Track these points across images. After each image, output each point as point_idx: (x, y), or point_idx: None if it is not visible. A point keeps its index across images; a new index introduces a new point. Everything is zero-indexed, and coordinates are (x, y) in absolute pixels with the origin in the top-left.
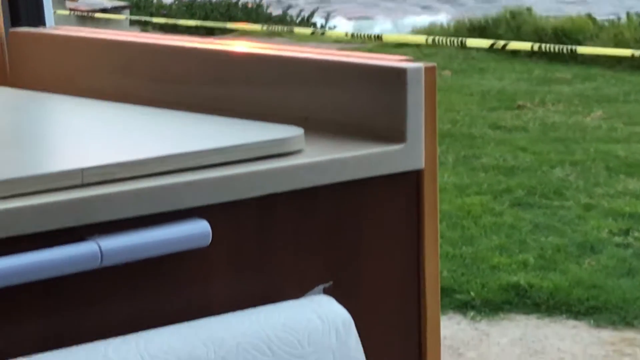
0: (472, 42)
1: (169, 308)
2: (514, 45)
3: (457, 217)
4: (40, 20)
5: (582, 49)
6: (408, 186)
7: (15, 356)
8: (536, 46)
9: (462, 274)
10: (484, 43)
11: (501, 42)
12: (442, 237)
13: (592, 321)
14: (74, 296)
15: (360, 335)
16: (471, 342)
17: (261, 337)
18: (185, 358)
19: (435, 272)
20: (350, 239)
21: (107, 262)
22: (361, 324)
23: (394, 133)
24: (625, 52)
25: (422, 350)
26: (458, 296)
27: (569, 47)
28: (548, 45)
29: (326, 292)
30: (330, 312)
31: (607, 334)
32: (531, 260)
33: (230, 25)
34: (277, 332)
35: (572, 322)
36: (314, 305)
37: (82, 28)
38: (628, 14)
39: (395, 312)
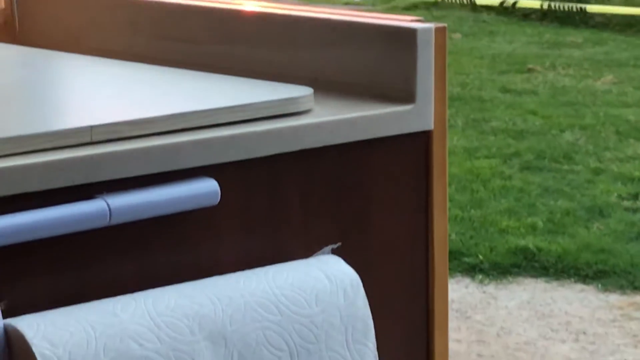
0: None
1: (177, 267)
2: (524, 3)
3: (466, 180)
4: None
5: (591, 8)
6: (417, 147)
7: (25, 312)
8: (545, 4)
9: (471, 237)
10: (494, 1)
11: (511, 0)
12: (451, 200)
13: (600, 285)
14: (82, 254)
15: (367, 296)
16: (479, 305)
17: (269, 296)
18: (192, 316)
19: (443, 234)
20: (359, 199)
21: (116, 220)
22: (369, 284)
23: (404, 94)
24: (636, 10)
25: (430, 313)
26: (466, 259)
27: (579, 5)
28: (558, 3)
29: (334, 252)
30: (338, 272)
31: (615, 298)
32: (540, 223)
33: None
34: (285, 292)
35: (580, 286)
36: (322, 265)
37: None
38: None
39: (403, 274)
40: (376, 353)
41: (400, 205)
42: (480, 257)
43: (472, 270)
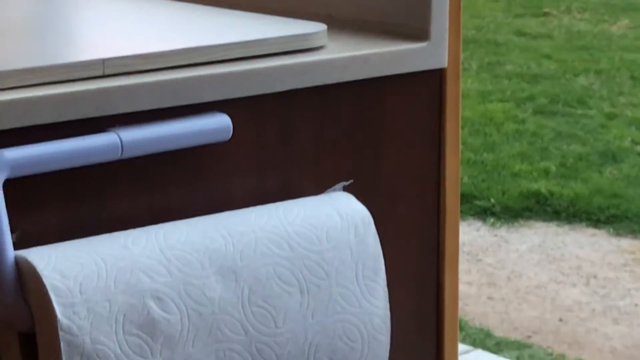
0: None
1: (188, 202)
2: None
3: (479, 123)
4: None
5: None
6: (430, 85)
7: (37, 244)
8: None
9: (483, 181)
10: None
11: None
12: (463, 143)
13: (611, 229)
14: (94, 187)
15: (378, 234)
16: (490, 249)
17: (280, 232)
18: (203, 250)
19: (455, 174)
20: (371, 137)
21: (128, 154)
22: (380, 222)
23: (418, 31)
24: None
25: (440, 254)
26: (478, 202)
27: None
28: None
29: (346, 190)
30: (349, 209)
31: (627, 243)
32: (552, 168)
33: None
34: (296, 228)
35: (591, 230)
36: (334, 202)
37: None
38: None
39: (415, 214)
40: (386, 290)
41: (413, 144)
42: (492, 200)
43: (483, 214)
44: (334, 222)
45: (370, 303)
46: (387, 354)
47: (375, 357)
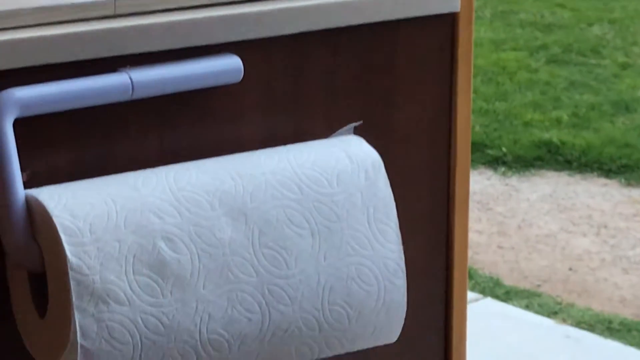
0: None
1: (198, 144)
2: None
3: (492, 72)
4: None
5: None
6: (443, 29)
7: (48, 183)
8: None
9: (495, 130)
10: None
11: None
12: (475, 92)
13: (622, 179)
14: (105, 128)
15: (388, 178)
16: (501, 198)
17: (290, 174)
18: (213, 192)
19: (466, 120)
20: (383, 80)
21: (138, 95)
22: (390, 167)
23: None
24: None
25: (450, 201)
26: (489, 151)
27: None
28: None
29: (356, 132)
30: (360, 152)
31: (638, 193)
32: (565, 117)
33: None
34: (306, 171)
35: (602, 180)
36: (344, 146)
37: None
38: None
39: (425, 159)
40: (399, 232)
41: (424, 88)
42: (504, 149)
43: (495, 163)
44: (344, 165)
45: (383, 246)
46: (404, 299)
47: (392, 301)
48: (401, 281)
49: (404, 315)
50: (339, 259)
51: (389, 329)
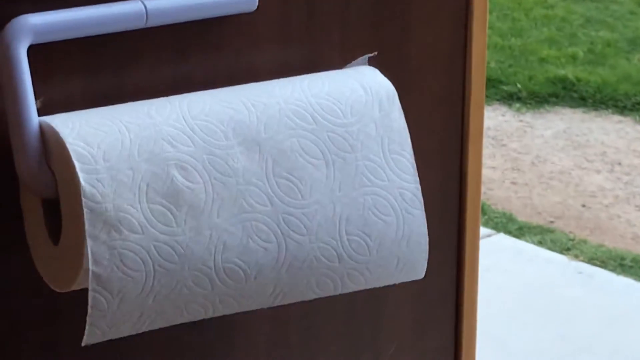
0: None
1: (212, 73)
2: None
3: (507, 8)
4: None
5: None
6: None
7: (62, 110)
8: None
9: (510, 66)
10: None
11: None
12: (491, 27)
13: (637, 117)
14: (118, 56)
15: (402, 110)
16: (515, 134)
17: (303, 104)
18: (227, 121)
19: (482, 55)
20: (398, 11)
21: (152, 22)
22: (405, 98)
23: None
24: None
25: (465, 135)
26: (504, 87)
27: None
28: None
29: (371, 63)
30: (374, 83)
31: None
32: (580, 54)
33: None
34: (320, 101)
35: (617, 117)
36: (358, 76)
37: None
38: None
39: (440, 92)
40: (414, 163)
41: (440, 19)
42: (519, 85)
43: (509, 99)
44: (359, 96)
45: (398, 177)
46: (425, 230)
47: (412, 232)
48: (419, 212)
49: (427, 248)
50: (355, 189)
51: (414, 262)
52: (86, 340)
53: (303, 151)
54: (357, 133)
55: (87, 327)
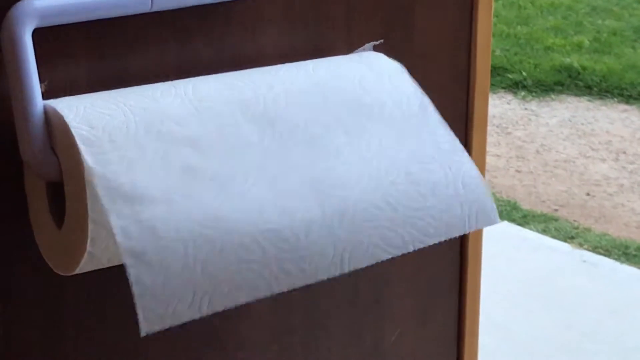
0: None
1: (217, 58)
2: None
3: None
4: None
5: None
6: None
7: (66, 94)
8: None
9: (515, 54)
10: None
11: None
12: (497, 15)
13: None
14: (123, 40)
15: None
16: (520, 122)
17: (312, 84)
18: (233, 102)
19: (487, 40)
20: None
21: (157, 6)
22: None
23: None
24: None
25: (469, 122)
26: (510, 75)
27: None
28: None
29: (376, 50)
30: (380, 64)
31: None
32: (586, 42)
33: None
34: (328, 81)
35: (622, 106)
36: (364, 59)
37: None
38: None
39: (444, 78)
40: (443, 120)
41: (445, 7)
42: (524, 73)
43: (515, 87)
44: (365, 73)
45: (429, 134)
46: (477, 172)
47: (464, 175)
48: (463, 158)
49: (486, 190)
50: (384, 149)
51: (479, 204)
52: (144, 326)
53: (318, 123)
54: (370, 103)
55: (139, 311)
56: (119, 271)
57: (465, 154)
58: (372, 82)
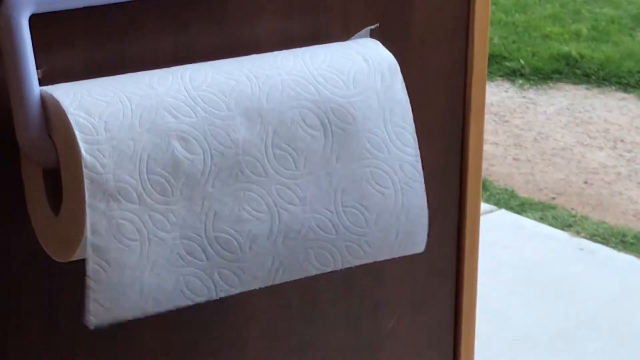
0: None
1: (214, 44)
2: None
3: None
4: None
5: None
6: None
7: (63, 81)
8: None
9: (513, 42)
10: None
11: None
12: (495, 3)
13: None
14: (120, 26)
15: (405, 83)
16: (518, 110)
17: (306, 76)
18: (229, 92)
19: (484, 27)
20: None
21: None
22: (407, 71)
23: None
24: None
25: (466, 109)
26: (507, 64)
27: None
28: None
29: (373, 35)
30: (376, 55)
31: None
32: (584, 30)
33: None
34: (322, 72)
35: (620, 94)
36: (361, 49)
37: None
38: None
39: (441, 64)
40: (415, 136)
41: None
42: (522, 61)
43: (512, 75)
44: (360, 67)
45: (399, 149)
46: (424, 203)
47: (411, 204)
48: (419, 184)
49: (426, 222)
50: (354, 161)
51: (413, 235)
52: (91, 319)
53: (304, 122)
54: (358, 104)
55: (89, 303)
56: None
57: (422, 179)
58: (364, 78)
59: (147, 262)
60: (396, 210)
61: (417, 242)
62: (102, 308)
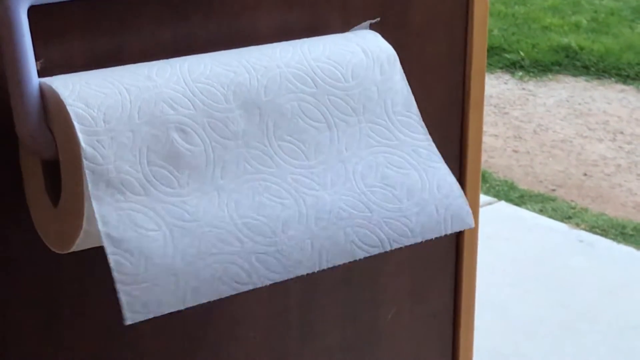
0: None
1: (213, 36)
2: None
3: None
4: None
5: None
6: None
7: (61, 72)
8: None
9: (513, 34)
10: None
11: None
12: None
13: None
14: (119, 17)
15: (404, 74)
16: (517, 102)
17: (305, 68)
18: (227, 84)
19: (483, 17)
20: None
21: None
22: (406, 63)
23: None
24: None
25: (466, 101)
26: (507, 55)
27: None
28: None
29: (372, 28)
30: (375, 47)
31: None
32: (584, 22)
33: None
34: (321, 64)
35: (620, 86)
36: (359, 40)
37: None
38: None
39: (441, 56)
40: (422, 123)
41: None
42: (522, 53)
43: (512, 67)
44: (359, 59)
45: (408, 136)
46: (452, 179)
47: (440, 180)
48: (441, 164)
49: (462, 194)
50: (362, 149)
51: (455, 208)
52: (127, 315)
53: (304, 114)
54: (358, 96)
55: (121, 297)
56: None
57: (442, 160)
58: (363, 70)
59: (176, 251)
60: (425, 184)
61: (462, 215)
62: (135, 301)
